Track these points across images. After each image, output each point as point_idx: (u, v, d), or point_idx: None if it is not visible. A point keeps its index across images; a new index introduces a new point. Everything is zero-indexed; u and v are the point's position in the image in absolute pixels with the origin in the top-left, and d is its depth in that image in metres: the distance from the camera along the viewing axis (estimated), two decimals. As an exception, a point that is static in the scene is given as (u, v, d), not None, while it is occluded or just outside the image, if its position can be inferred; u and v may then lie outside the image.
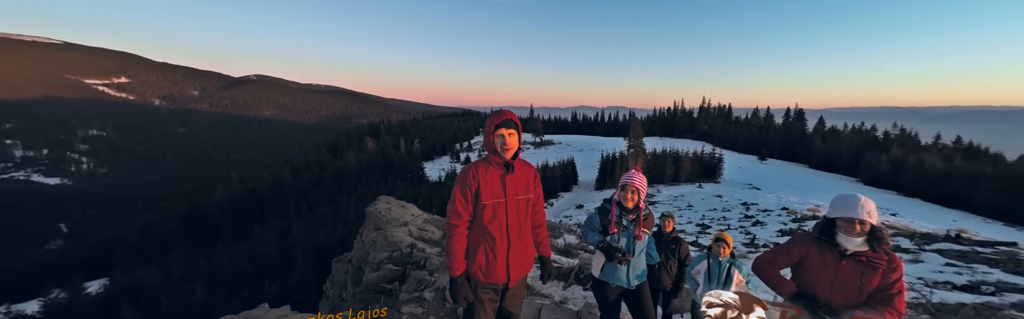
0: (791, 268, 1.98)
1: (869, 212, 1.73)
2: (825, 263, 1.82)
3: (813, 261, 1.85)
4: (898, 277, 1.71)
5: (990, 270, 7.85)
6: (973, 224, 20.50)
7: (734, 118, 67.29)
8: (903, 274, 1.73)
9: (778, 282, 1.93)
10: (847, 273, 1.78)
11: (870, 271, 1.74)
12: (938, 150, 42.07)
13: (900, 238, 10.86)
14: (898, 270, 1.71)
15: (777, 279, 1.95)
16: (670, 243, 3.41)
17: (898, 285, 1.71)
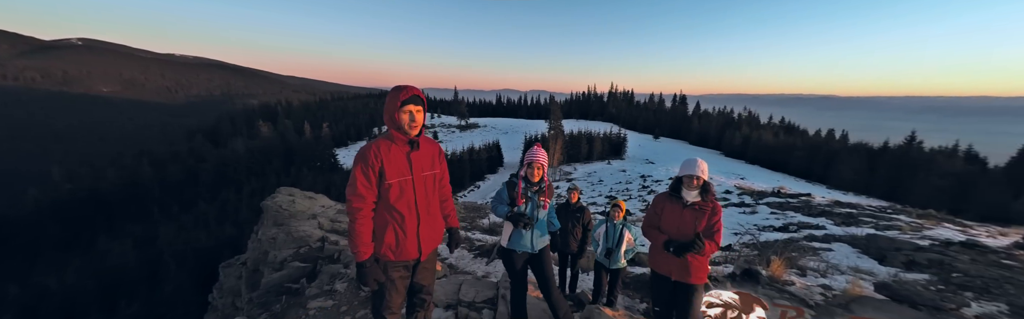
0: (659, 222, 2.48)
1: (702, 170, 2.29)
2: (674, 212, 2.34)
3: (667, 212, 2.37)
4: (717, 219, 2.29)
5: (795, 214, 10.74)
6: (789, 182, 27.35)
7: (636, 102, 75.45)
8: (721, 217, 2.31)
9: (655, 238, 2.45)
10: (687, 218, 2.31)
11: (701, 215, 2.30)
12: (770, 128, 53.95)
13: (745, 196, 13.98)
14: (718, 214, 2.29)
15: (655, 235, 2.47)
16: (576, 212, 3.87)
17: (717, 225, 2.29)
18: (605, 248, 3.47)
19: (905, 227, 9.04)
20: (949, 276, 5.51)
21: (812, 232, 8.57)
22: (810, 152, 38.07)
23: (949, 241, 7.28)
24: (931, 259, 6.20)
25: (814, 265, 5.97)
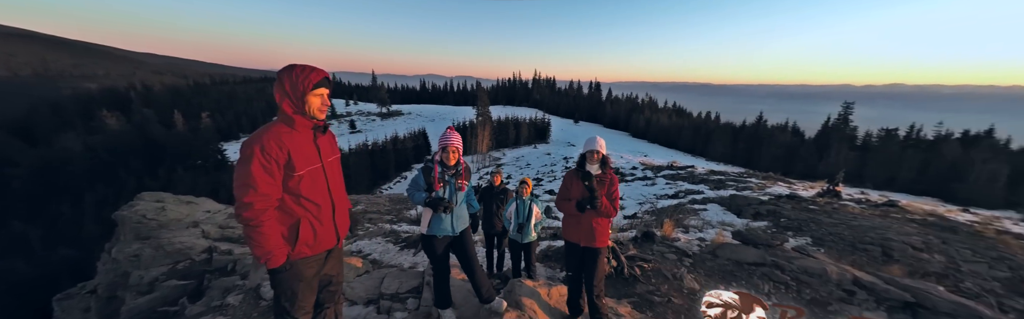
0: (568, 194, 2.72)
1: (601, 146, 2.58)
2: (581, 185, 2.59)
3: (576, 184, 2.61)
4: (615, 188, 2.62)
5: (683, 183, 12.81)
6: (679, 157, 32.30)
7: (558, 89, 79.05)
8: (618, 186, 2.67)
9: (568, 209, 2.68)
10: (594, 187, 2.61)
11: (602, 185, 2.60)
12: (665, 111, 62.24)
13: (648, 170, 16.09)
14: (615, 184, 2.62)
15: (567, 207, 2.70)
16: (499, 194, 4.01)
17: (615, 193, 2.62)
18: (516, 224, 3.69)
19: (755, 187, 11.50)
20: (778, 221, 7.27)
21: (694, 197, 10.35)
22: (694, 131, 45.26)
23: (780, 195, 9.53)
24: (769, 210, 8.06)
25: (694, 223, 7.27)
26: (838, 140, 34.23)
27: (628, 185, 13.15)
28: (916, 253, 5.43)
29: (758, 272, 4.35)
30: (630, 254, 4.66)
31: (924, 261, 5.22)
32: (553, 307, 2.96)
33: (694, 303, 3.61)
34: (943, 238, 6.30)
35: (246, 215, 1.44)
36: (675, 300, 3.56)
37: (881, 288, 3.94)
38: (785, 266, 4.48)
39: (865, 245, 5.78)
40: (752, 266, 4.53)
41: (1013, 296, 4.41)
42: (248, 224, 1.45)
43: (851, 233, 6.26)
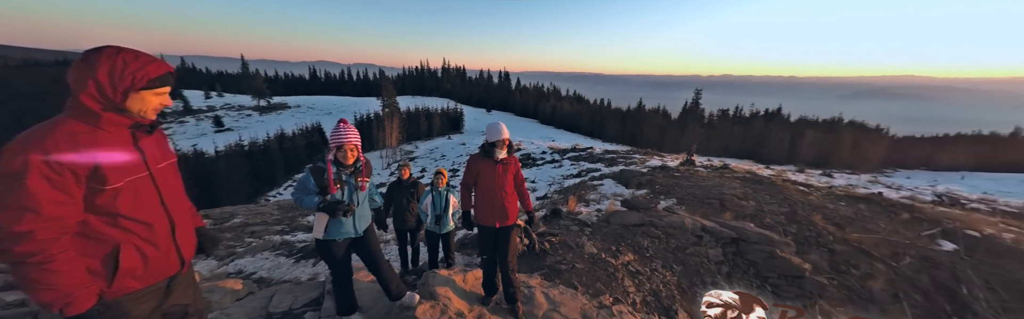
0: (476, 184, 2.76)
1: (507, 133, 2.64)
2: (489, 169, 2.65)
3: (484, 171, 2.65)
4: (519, 169, 2.77)
5: (585, 163, 14.29)
6: (581, 140, 35.77)
7: (468, 78, 77.77)
8: (520, 169, 2.81)
9: (465, 201, 2.72)
10: (500, 172, 2.70)
11: (510, 169, 2.73)
12: (567, 99, 67.65)
13: (555, 154, 17.42)
14: (518, 165, 2.77)
15: (465, 199, 2.73)
16: (409, 187, 3.84)
17: (520, 175, 2.78)
18: (434, 216, 3.62)
19: (638, 162, 13.54)
20: (654, 188, 8.77)
21: (593, 174, 11.68)
22: (591, 117, 50.52)
23: (655, 167, 11.45)
24: (648, 180, 9.63)
25: (593, 197, 8.23)
26: (692, 120, 42.74)
27: (539, 169, 14.06)
28: (739, 202, 7.22)
29: (639, 231, 5.20)
30: (540, 231, 5.04)
31: (744, 207, 6.99)
32: (469, 291, 3.02)
33: (593, 265, 4.14)
34: (754, 189, 8.51)
35: (23, 249, 1.01)
36: (578, 265, 4.01)
37: (718, 230, 5.16)
38: (658, 223, 5.46)
39: (709, 199, 7.42)
40: (636, 227, 5.39)
41: (791, 224, 6.27)
42: (26, 262, 1.02)
43: (701, 192, 7.94)
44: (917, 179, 22.86)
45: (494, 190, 2.65)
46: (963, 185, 19.44)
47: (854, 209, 7.26)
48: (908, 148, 38.42)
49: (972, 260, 5.20)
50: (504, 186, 2.70)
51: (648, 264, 4.23)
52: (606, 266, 4.06)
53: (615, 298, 3.39)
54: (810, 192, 8.68)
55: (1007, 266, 5.06)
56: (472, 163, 2.68)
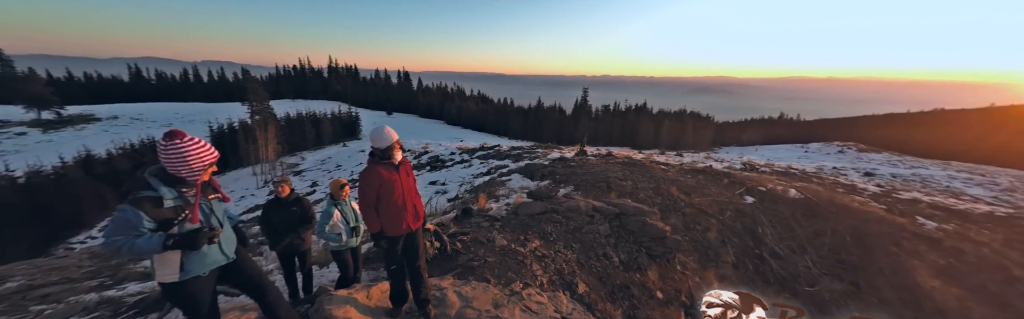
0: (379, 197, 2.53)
1: (396, 135, 2.49)
2: (394, 175, 2.49)
3: (387, 180, 2.45)
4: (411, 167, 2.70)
5: (494, 161, 14.69)
6: (489, 139, 36.64)
7: (363, 79, 70.53)
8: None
9: (372, 221, 2.48)
10: (404, 177, 2.57)
11: (409, 169, 2.64)
12: (473, 99, 68.22)
13: (464, 154, 17.39)
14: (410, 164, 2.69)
15: (372, 219, 2.48)
16: (292, 205, 3.32)
17: (413, 173, 2.70)
18: (350, 229, 3.24)
19: (541, 155, 14.59)
20: (555, 178, 9.62)
21: (502, 170, 12.10)
22: (496, 115, 52.16)
23: (556, 159, 12.54)
24: (549, 171, 10.48)
25: (502, 192, 8.54)
26: (583, 115, 48.36)
27: (449, 170, 13.86)
28: (620, 182, 8.50)
29: (543, 218, 5.64)
30: (452, 232, 4.99)
31: (623, 186, 8.26)
32: (375, 307, 2.80)
33: (504, 256, 4.31)
34: (631, 170, 10.15)
35: None
36: (490, 259, 4.12)
37: (605, 209, 5.99)
38: (559, 209, 6.01)
39: (598, 183, 8.52)
40: (540, 215, 5.82)
41: (656, 196, 7.70)
42: None
43: (592, 177, 9.05)
44: (732, 153, 30.93)
45: (404, 195, 2.52)
46: (756, 155, 27.06)
47: (696, 179, 9.36)
48: (726, 131, 51.65)
49: (762, 207, 7.32)
50: (412, 188, 2.62)
51: (552, 247, 4.63)
52: (516, 255, 4.28)
53: (525, 283, 3.61)
54: (668, 169, 10.82)
55: (780, 209, 7.29)
56: (371, 176, 2.42)
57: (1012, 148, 33.53)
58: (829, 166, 18.39)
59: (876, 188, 11.76)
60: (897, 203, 9.60)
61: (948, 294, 4.42)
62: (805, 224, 6.52)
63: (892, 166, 23.20)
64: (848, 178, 14.60)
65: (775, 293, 4.22)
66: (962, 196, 12.79)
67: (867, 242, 5.78)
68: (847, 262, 5.21)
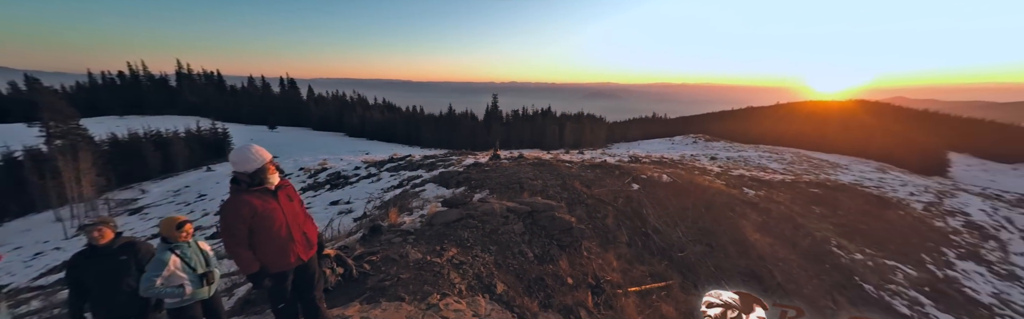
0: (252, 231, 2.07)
1: (267, 154, 2.13)
2: (273, 207, 2.08)
3: (263, 210, 2.02)
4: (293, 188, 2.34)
5: (405, 172, 13.92)
6: (399, 149, 34.62)
7: (231, 87, 58.26)
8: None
9: (245, 262, 2.05)
10: (287, 203, 2.20)
11: (292, 192, 2.27)
12: (377, 108, 63.56)
13: (371, 168, 16.03)
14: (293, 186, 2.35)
15: (247, 259, 2.06)
16: (119, 254, 2.54)
17: (298, 195, 2.34)
18: (196, 277, 2.54)
19: (456, 162, 14.48)
20: (470, 184, 9.67)
21: (415, 181, 11.57)
22: (406, 124, 49.76)
23: (470, 165, 12.61)
24: (465, 177, 10.48)
25: (416, 204, 8.17)
26: (494, 121, 49.99)
27: (354, 187, 12.58)
28: (531, 182, 9.06)
29: (459, 225, 5.60)
30: (357, 254, 4.54)
31: (535, 185, 8.82)
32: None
33: (420, 270, 4.13)
34: (540, 170, 10.91)
35: None
36: (403, 276, 3.89)
37: (518, 208, 6.29)
38: (474, 214, 6.06)
39: (512, 184, 8.90)
40: (456, 222, 5.76)
41: (563, 191, 8.45)
42: None
43: (505, 179, 9.40)
44: (621, 148, 36.23)
45: (289, 224, 2.13)
46: (639, 149, 32.23)
47: (594, 173, 10.61)
48: (615, 129, 60.17)
49: (645, 192, 8.74)
50: (298, 214, 2.23)
51: (469, 252, 4.64)
52: (432, 267, 4.14)
53: (442, 294, 3.53)
54: (572, 166, 12.00)
55: (657, 192, 8.82)
56: (239, 207, 1.98)
57: (793, 132, 47.82)
58: (688, 154, 23.12)
59: (718, 168, 15.32)
60: (731, 178, 12.66)
61: (764, 242, 6.08)
62: (675, 202, 8.04)
63: (726, 151, 30.51)
64: (700, 162, 18.61)
65: (657, 261, 5.08)
66: (767, 170, 17.65)
67: (714, 211, 7.46)
68: (704, 228, 6.64)
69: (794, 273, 5.72)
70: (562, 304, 3.36)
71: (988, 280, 10.60)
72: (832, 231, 8.74)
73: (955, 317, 6.99)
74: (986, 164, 42.93)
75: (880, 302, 6.21)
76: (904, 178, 26.50)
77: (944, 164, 38.11)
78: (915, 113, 57.93)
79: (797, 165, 19.74)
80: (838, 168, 26.52)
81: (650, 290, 3.90)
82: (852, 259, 7.25)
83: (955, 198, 20.76)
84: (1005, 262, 13.22)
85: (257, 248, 2.09)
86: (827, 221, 9.28)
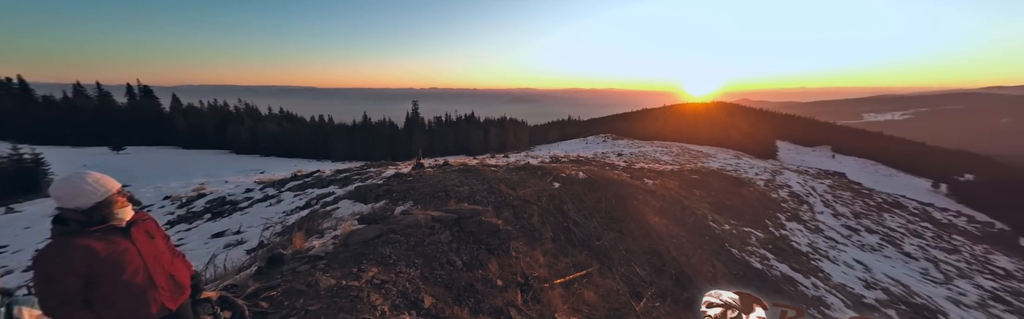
0: (93, 282, 1.56)
1: (113, 184, 1.66)
2: (123, 249, 1.61)
3: (110, 256, 1.55)
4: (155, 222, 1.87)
5: (313, 190, 12.32)
6: (304, 165, 30.54)
7: (46, 98, 42.96)
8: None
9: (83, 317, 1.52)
10: (145, 242, 1.71)
11: (152, 228, 1.79)
12: (273, 119, 54.94)
13: (268, 188, 13.75)
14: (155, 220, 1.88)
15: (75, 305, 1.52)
16: None
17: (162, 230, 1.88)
18: None
19: (374, 175, 13.42)
20: (392, 196, 9.07)
21: (326, 199, 10.34)
22: (312, 136, 44.17)
23: (391, 176, 11.83)
24: (385, 190, 9.78)
25: (328, 224, 7.31)
26: (416, 128, 47.99)
27: (245, 213, 10.61)
28: (457, 189, 8.94)
29: (380, 241, 5.20)
30: (251, 291, 3.84)
31: (461, 192, 8.74)
32: None
33: (333, 297, 3.69)
34: (466, 176, 10.86)
35: None
36: (312, 307, 3.43)
37: (444, 217, 6.14)
38: (397, 228, 5.69)
39: (438, 193, 8.66)
40: (376, 239, 5.33)
41: (490, 195, 8.56)
42: None
43: (430, 189, 9.09)
44: (543, 150, 38.57)
45: (148, 268, 1.67)
46: (559, 150, 34.72)
47: (519, 175, 11.02)
48: (537, 132, 63.73)
49: (565, 189, 9.43)
50: (163, 254, 1.79)
51: (392, 270, 4.34)
52: (349, 291, 3.75)
53: (362, 318, 3.22)
54: (497, 170, 12.25)
55: (575, 188, 9.61)
56: (66, 254, 1.48)
57: (676, 129, 57.65)
58: (600, 152, 25.83)
59: (624, 163, 17.48)
60: (634, 171, 14.56)
61: (661, 224, 7.18)
62: (591, 196, 8.87)
63: (629, 147, 35.09)
64: (610, 159, 20.99)
65: (578, 252, 5.52)
66: (660, 161, 20.84)
67: (623, 201, 8.48)
68: (615, 217, 7.48)
69: (685, 247, 6.87)
70: (492, 307, 3.39)
71: (805, 235, 14.46)
72: (708, 209, 10.88)
73: (788, 266, 9.39)
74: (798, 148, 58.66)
75: (742, 261, 7.97)
76: (751, 162, 34.46)
77: (774, 150, 50.96)
78: (755, 111, 76.94)
79: (681, 156, 23.99)
80: (709, 157, 33.06)
81: (573, 279, 4.22)
82: (722, 230, 9.14)
83: (782, 175, 27.73)
84: (814, 220, 18.20)
85: (101, 304, 1.59)
86: (704, 201, 11.53)
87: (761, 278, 7.51)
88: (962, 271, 17.14)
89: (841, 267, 11.64)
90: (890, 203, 28.63)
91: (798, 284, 8.38)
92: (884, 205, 27.38)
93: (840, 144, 61.28)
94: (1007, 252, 23.55)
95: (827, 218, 18.64)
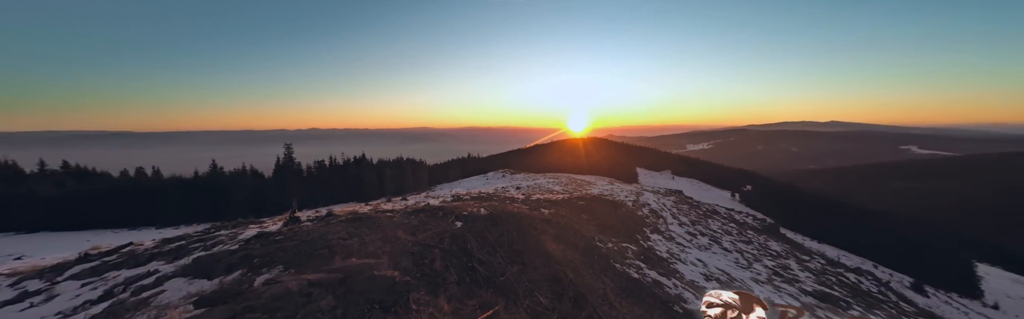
0: None
1: None
2: None
3: None
4: None
5: (118, 272, 8.71)
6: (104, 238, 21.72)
7: None
8: None
9: None
10: None
11: None
12: (51, 178, 38.29)
13: (27, 280, 9.06)
14: None
15: None
16: None
17: None
18: None
19: (226, 239, 10.53)
20: (252, 263, 7.22)
21: (143, 282, 7.46)
22: (124, 197, 32.33)
23: (249, 238, 9.50)
24: (241, 256, 7.73)
25: (150, 315, 5.24)
26: (290, 175, 40.81)
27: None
28: (344, 242, 7.81)
29: (230, 327, 4.01)
30: None
31: (349, 245, 7.65)
32: None
33: None
34: (356, 226, 9.63)
35: None
36: None
37: (324, 279, 5.21)
38: (256, 305, 4.52)
39: (318, 251, 7.35)
40: (223, 325, 4.09)
41: (385, 245, 7.75)
42: None
43: (308, 246, 7.67)
44: (445, 189, 37.79)
45: None
46: (461, 187, 34.67)
47: (419, 218, 10.43)
48: (437, 171, 62.66)
49: (468, 227, 9.33)
50: None
51: (248, 362, 3.34)
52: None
53: None
54: (394, 215, 11.32)
55: (478, 225, 9.62)
56: None
57: (563, 162, 65.71)
58: (500, 186, 26.92)
59: (522, 196, 18.60)
60: (532, 202, 15.61)
61: (558, 250, 7.76)
62: (494, 231, 9.01)
63: (526, 181, 37.79)
64: (509, 193, 22.05)
65: (484, 291, 5.40)
66: (553, 192, 23.01)
67: (523, 232, 8.89)
68: (517, 249, 7.73)
69: (579, 269, 7.50)
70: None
71: (663, 243, 17.74)
72: (594, 230, 12.36)
73: (656, 271, 11.25)
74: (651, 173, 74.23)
75: (624, 273, 9.16)
76: (621, 186, 41.60)
77: (635, 175, 63.19)
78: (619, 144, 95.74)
79: (569, 186, 27.18)
80: (590, 185, 38.43)
81: (479, 322, 4.06)
82: (607, 248, 10.41)
83: (643, 196, 34.19)
84: (668, 230, 22.65)
85: None
86: (591, 223, 13.12)
87: (639, 286, 8.69)
88: (755, 256, 23.48)
89: (689, 266, 14.55)
90: (710, 211, 38.30)
91: (665, 286, 10.00)
92: (708, 213, 36.44)
93: (676, 168, 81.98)
94: (776, 239, 33.80)
95: (675, 227, 23.52)
